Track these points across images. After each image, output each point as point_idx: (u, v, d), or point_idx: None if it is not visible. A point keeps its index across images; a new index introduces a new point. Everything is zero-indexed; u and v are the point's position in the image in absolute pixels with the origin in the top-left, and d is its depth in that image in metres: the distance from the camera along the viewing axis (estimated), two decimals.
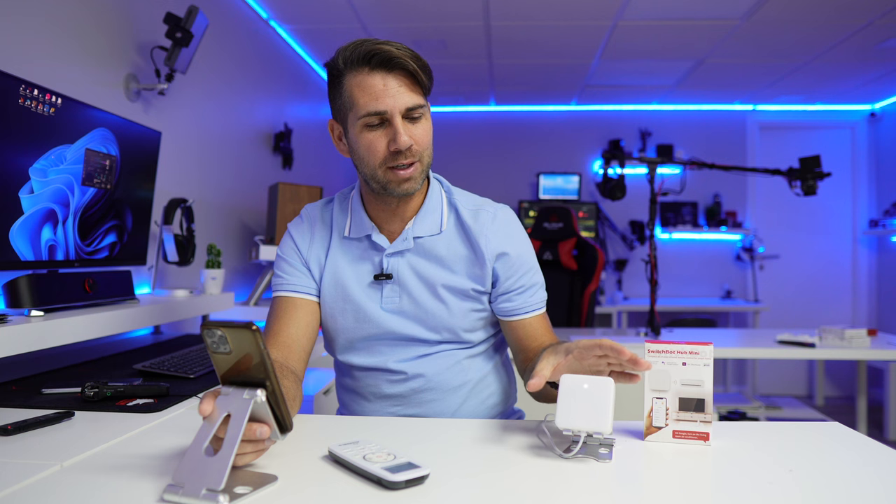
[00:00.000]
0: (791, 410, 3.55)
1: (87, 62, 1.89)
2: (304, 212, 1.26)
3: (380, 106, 1.05)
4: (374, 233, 1.18)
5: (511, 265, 1.18)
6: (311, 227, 1.23)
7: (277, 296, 1.21)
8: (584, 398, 0.84)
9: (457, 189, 1.26)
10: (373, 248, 1.19)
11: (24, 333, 1.25)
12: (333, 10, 3.18)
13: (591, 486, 0.77)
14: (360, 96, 1.06)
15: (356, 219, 1.20)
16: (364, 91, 1.05)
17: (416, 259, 1.18)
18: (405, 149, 1.06)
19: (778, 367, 5.15)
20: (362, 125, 1.07)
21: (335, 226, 1.22)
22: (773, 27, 3.38)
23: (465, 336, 1.20)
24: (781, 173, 2.74)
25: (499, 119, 5.32)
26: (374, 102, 1.05)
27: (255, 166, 3.22)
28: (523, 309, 1.20)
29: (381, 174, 1.09)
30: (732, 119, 5.17)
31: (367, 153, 1.08)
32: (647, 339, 1.87)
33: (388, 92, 1.05)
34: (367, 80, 1.05)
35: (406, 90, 1.06)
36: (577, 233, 3.36)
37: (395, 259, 1.18)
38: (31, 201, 1.38)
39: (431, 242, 1.18)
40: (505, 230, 1.20)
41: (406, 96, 1.06)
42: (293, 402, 0.99)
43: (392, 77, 1.05)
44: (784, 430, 1.02)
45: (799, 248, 5.17)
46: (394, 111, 1.05)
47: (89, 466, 0.83)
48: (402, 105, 1.06)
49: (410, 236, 1.17)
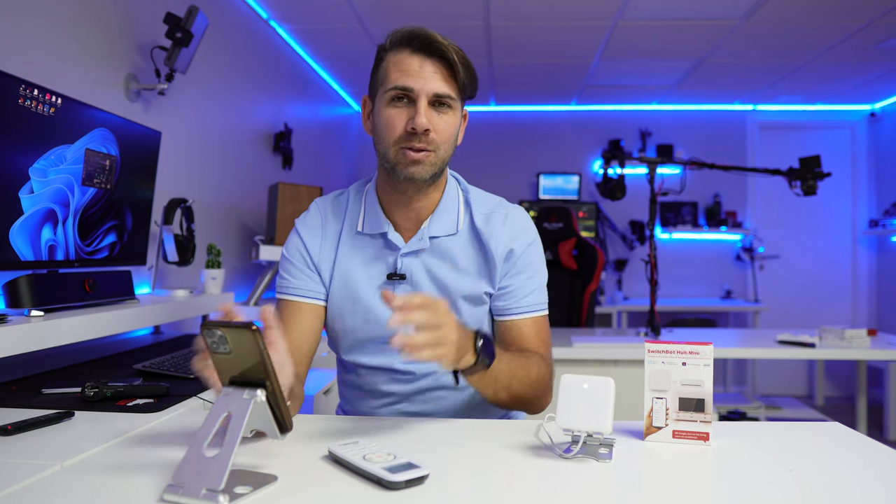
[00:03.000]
0: (791, 410, 3.54)
1: (87, 62, 1.89)
2: (314, 207, 1.22)
3: (409, 82, 1.05)
4: (389, 230, 1.15)
5: (511, 262, 1.17)
6: (322, 225, 1.19)
7: (282, 298, 1.18)
8: (584, 398, 0.84)
9: (473, 188, 1.24)
10: (387, 247, 1.16)
11: (24, 333, 1.25)
12: (333, 10, 3.18)
13: (591, 486, 0.77)
14: (394, 72, 1.07)
15: (370, 213, 1.17)
16: (398, 67, 1.07)
17: (431, 260, 1.16)
18: (421, 131, 1.04)
19: (778, 367, 5.15)
20: (388, 98, 1.07)
21: (348, 218, 1.19)
22: (773, 27, 3.37)
23: None
24: (781, 173, 2.74)
25: (499, 119, 5.32)
26: (403, 78, 1.05)
27: (255, 166, 3.22)
28: (511, 310, 1.17)
29: (392, 153, 1.08)
30: (732, 119, 5.17)
31: (386, 128, 1.07)
32: (647, 339, 1.87)
33: (421, 74, 1.05)
34: (406, 59, 1.07)
35: (440, 78, 1.06)
36: (577, 233, 3.36)
37: (409, 259, 1.15)
38: (31, 201, 1.38)
39: (447, 243, 1.16)
40: (512, 230, 1.18)
41: (438, 83, 1.06)
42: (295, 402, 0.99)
43: (430, 62, 1.06)
44: (784, 430, 1.02)
45: (799, 248, 5.17)
46: (421, 92, 1.05)
47: (89, 466, 0.83)
48: (431, 89, 1.05)
49: (426, 236, 1.15)
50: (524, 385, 1.07)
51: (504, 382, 1.03)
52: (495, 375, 1.00)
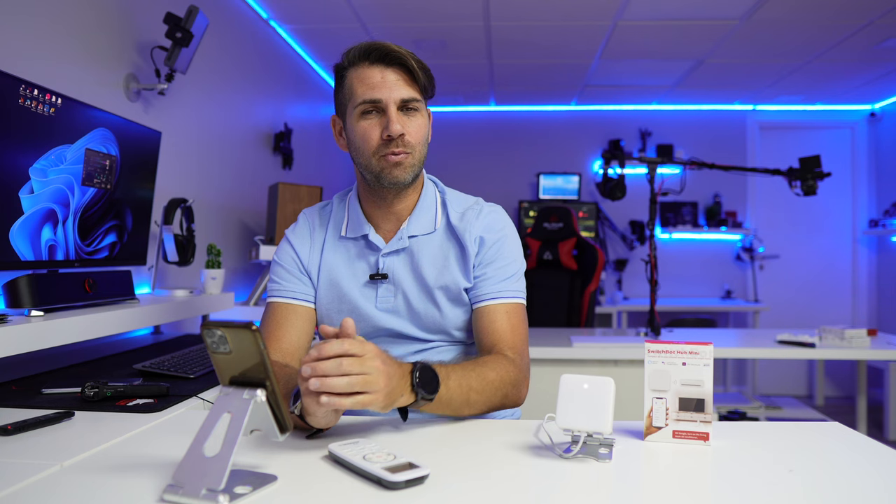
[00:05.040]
0: (791, 410, 3.54)
1: (87, 62, 1.89)
2: (302, 217, 1.28)
3: (376, 94, 1.10)
4: (370, 232, 1.20)
5: (484, 251, 1.19)
6: (310, 232, 1.25)
7: (276, 302, 1.20)
8: (584, 398, 0.84)
9: (450, 190, 1.29)
10: (369, 248, 1.21)
11: (24, 333, 1.25)
12: (333, 10, 3.18)
13: (591, 486, 0.77)
14: (359, 86, 1.12)
15: (353, 218, 1.23)
16: (362, 82, 1.11)
17: (411, 258, 1.20)
18: (397, 136, 1.10)
19: (778, 367, 5.15)
20: (359, 113, 1.12)
21: (332, 225, 1.24)
22: (773, 27, 3.37)
23: (457, 335, 1.22)
24: (781, 173, 2.74)
25: (499, 119, 5.32)
26: (370, 91, 1.10)
27: (255, 166, 3.22)
28: (482, 297, 1.18)
29: (374, 162, 1.12)
30: (732, 119, 5.17)
31: (362, 141, 1.12)
32: (647, 339, 1.87)
33: (385, 83, 1.11)
34: (367, 72, 1.12)
35: (403, 84, 1.12)
36: (577, 233, 3.36)
37: (390, 259, 1.20)
38: (31, 201, 1.38)
39: (426, 240, 1.21)
40: (486, 222, 1.21)
41: (402, 89, 1.11)
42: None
43: (390, 71, 1.11)
44: (784, 430, 1.02)
45: (799, 248, 5.17)
46: (389, 101, 1.10)
47: (89, 466, 0.83)
48: (398, 96, 1.11)
49: (405, 235, 1.20)
50: (485, 393, 1.04)
51: (461, 399, 1.00)
52: (449, 397, 0.98)
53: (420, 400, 0.92)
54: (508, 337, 1.15)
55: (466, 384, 1.01)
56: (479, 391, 1.03)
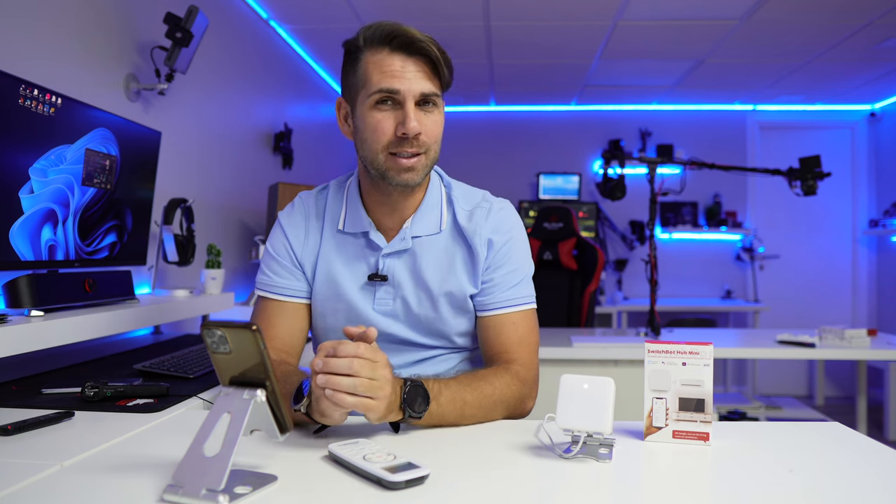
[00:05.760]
0: (791, 410, 3.54)
1: (87, 62, 1.89)
2: (298, 201, 1.20)
3: (394, 84, 1.01)
4: (371, 230, 1.13)
5: (492, 254, 1.14)
6: (305, 220, 1.17)
7: (266, 298, 1.16)
8: (584, 398, 0.84)
9: (457, 183, 1.21)
10: (369, 247, 1.14)
11: (24, 333, 1.25)
12: (333, 10, 3.18)
13: (591, 486, 0.77)
14: (375, 73, 1.02)
15: (352, 211, 1.15)
16: (380, 69, 1.02)
17: (413, 260, 1.13)
18: (413, 135, 1.02)
19: (778, 367, 5.15)
20: (372, 102, 1.03)
21: (328, 216, 1.17)
22: (773, 27, 3.37)
23: (458, 341, 1.18)
24: (781, 173, 2.74)
25: (499, 119, 5.32)
26: (388, 80, 1.01)
27: (255, 166, 3.22)
28: (488, 306, 1.13)
29: (382, 159, 1.04)
30: (732, 119, 5.17)
31: (373, 134, 1.03)
32: (647, 339, 1.87)
33: (405, 74, 1.01)
34: (386, 59, 1.02)
35: (424, 77, 1.03)
36: (577, 233, 3.36)
37: (391, 260, 1.13)
38: (31, 201, 1.38)
39: (430, 242, 1.14)
40: (494, 222, 1.15)
41: (423, 82, 1.03)
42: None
43: (412, 61, 1.02)
44: (784, 430, 1.02)
45: (799, 248, 5.17)
46: (407, 94, 1.01)
47: (89, 466, 0.83)
48: (418, 90, 1.02)
49: (409, 235, 1.13)
50: (482, 408, 1.01)
51: (455, 414, 0.98)
52: (441, 413, 0.96)
53: (406, 417, 0.92)
54: (515, 349, 1.11)
55: (461, 399, 0.98)
56: (476, 405, 1.00)
